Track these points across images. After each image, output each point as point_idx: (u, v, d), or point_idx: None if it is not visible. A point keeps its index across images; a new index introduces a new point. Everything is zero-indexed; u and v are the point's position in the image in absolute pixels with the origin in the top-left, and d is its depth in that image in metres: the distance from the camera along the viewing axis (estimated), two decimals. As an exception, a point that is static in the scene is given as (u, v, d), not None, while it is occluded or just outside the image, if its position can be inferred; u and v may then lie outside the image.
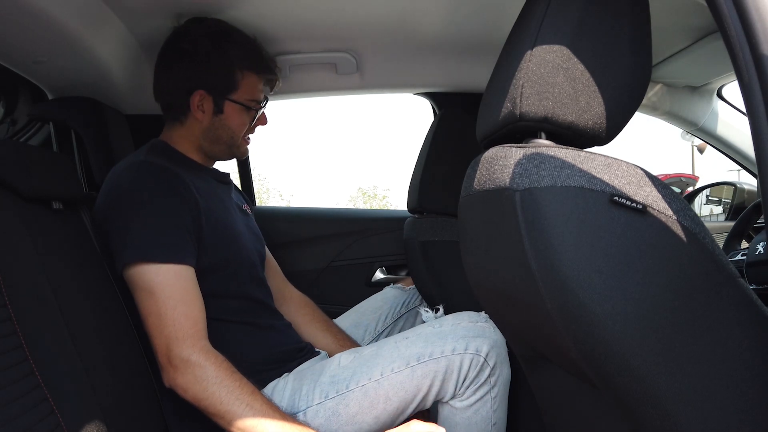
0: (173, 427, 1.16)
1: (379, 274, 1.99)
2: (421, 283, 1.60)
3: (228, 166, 1.87)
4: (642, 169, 0.66)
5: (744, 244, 1.58)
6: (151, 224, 1.11)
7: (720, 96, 1.73)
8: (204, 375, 1.04)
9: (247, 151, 1.41)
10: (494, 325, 1.15)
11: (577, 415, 0.91)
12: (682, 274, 0.63)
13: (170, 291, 1.08)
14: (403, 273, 2.00)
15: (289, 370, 1.24)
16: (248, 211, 1.48)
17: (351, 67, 1.69)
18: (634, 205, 0.63)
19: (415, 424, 1.03)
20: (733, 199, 2.82)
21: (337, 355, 1.22)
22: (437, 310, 1.35)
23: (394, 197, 13.11)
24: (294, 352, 1.30)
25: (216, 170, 1.41)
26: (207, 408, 1.05)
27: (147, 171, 1.17)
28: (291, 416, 1.08)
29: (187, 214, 1.15)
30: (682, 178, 8.13)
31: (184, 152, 1.31)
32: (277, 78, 1.40)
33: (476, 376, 1.12)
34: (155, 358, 1.09)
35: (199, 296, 1.12)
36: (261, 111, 1.37)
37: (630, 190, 0.64)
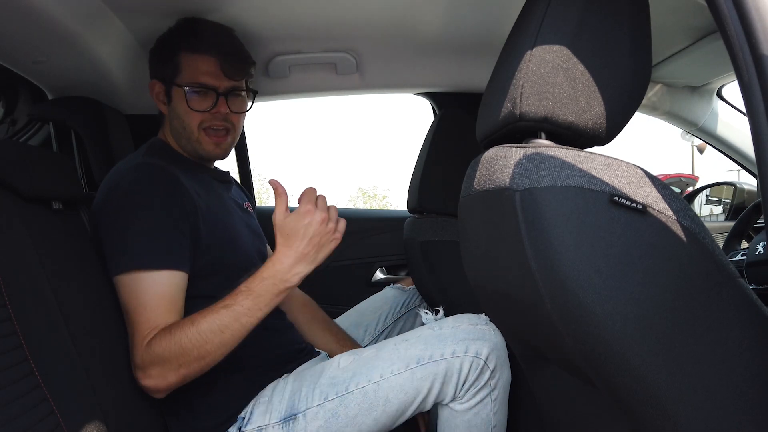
0: (173, 426, 1.16)
1: (379, 274, 1.99)
2: (421, 283, 1.60)
3: (228, 167, 1.87)
4: (642, 169, 0.66)
5: (744, 244, 1.58)
6: (145, 229, 1.10)
7: (720, 96, 1.73)
8: (161, 361, 1.02)
9: (212, 149, 1.28)
10: (494, 328, 1.15)
11: (577, 415, 0.91)
12: (682, 274, 0.63)
13: (144, 298, 1.06)
14: (403, 273, 2.00)
15: (289, 371, 1.24)
16: (250, 209, 1.47)
17: (351, 67, 1.69)
18: (634, 205, 0.63)
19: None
20: (733, 199, 2.82)
21: (336, 357, 1.22)
22: (437, 312, 1.35)
23: (394, 197, 13.11)
24: (294, 353, 1.30)
25: (215, 169, 1.40)
26: (192, 373, 1.04)
27: (144, 172, 1.16)
28: (227, 296, 1.06)
29: (183, 217, 1.14)
30: (682, 178, 8.12)
31: (177, 149, 1.31)
32: (225, 58, 1.25)
33: (476, 379, 1.11)
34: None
35: (173, 302, 1.08)
36: (211, 97, 1.24)
37: (630, 190, 0.64)
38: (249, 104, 1.35)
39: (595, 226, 0.63)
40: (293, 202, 1.13)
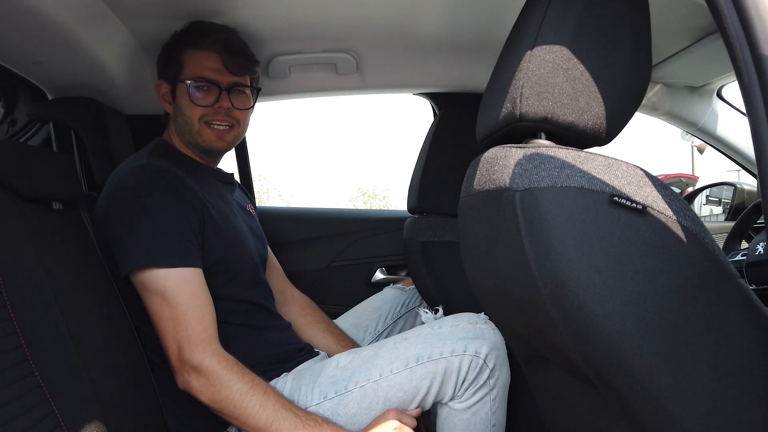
0: (173, 427, 1.16)
1: (379, 274, 1.99)
2: (420, 284, 1.60)
3: (228, 167, 1.87)
4: (642, 169, 0.66)
5: (744, 244, 1.58)
6: (157, 228, 1.11)
7: (720, 96, 1.73)
8: (216, 379, 1.06)
9: (213, 140, 1.28)
10: (494, 327, 1.15)
11: (576, 414, 0.91)
12: (681, 274, 0.63)
13: (182, 296, 1.09)
14: (403, 273, 2.00)
15: (288, 370, 1.24)
16: (252, 211, 1.48)
17: (351, 67, 1.68)
18: (634, 205, 0.63)
19: (393, 419, 1.06)
20: (733, 200, 2.82)
21: (336, 356, 1.22)
22: (437, 311, 1.35)
23: (394, 197, 13.11)
24: (293, 353, 1.30)
25: (219, 170, 1.41)
26: (222, 410, 1.06)
27: (149, 174, 1.17)
28: (305, 410, 1.09)
29: (191, 216, 1.15)
30: (682, 178, 8.12)
31: (181, 149, 1.32)
32: (227, 53, 1.27)
33: (475, 378, 1.11)
34: (168, 360, 1.10)
35: (209, 299, 1.12)
36: (213, 92, 1.27)
37: (630, 191, 0.64)
38: (252, 102, 1.36)
39: (595, 226, 0.63)
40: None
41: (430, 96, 1.98)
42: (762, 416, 0.64)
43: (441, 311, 1.35)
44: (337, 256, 1.97)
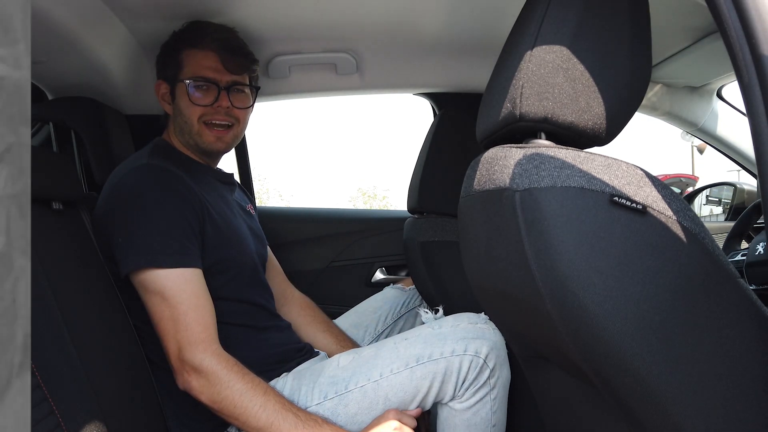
0: (173, 427, 1.16)
1: (379, 274, 1.99)
2: (420, 284, 1.60)
3: (228, 167, 1.87)
4: (642, 169, 0.66)
5: (744, 244, 1.58)
6: (157, 228, 1.11)
7: (720, 96, 1.73)
8: (216, 380, 1.06)
9: (212, 141, 1.28)
10: (494, 327, 1.15)
11: (576, 415, 0.91)
12: (682, 274, 0.63)
13: (182, 296, 1.09)
14: (403, 273, 2.00)
15: (288, 370, 1.24)
16: (252, 212, 1.48)
17: (351, 67, 1.69)
18: (634, 205, 0.63)
19: (393, 419, 1.06)
20: (733, 200, 2.82)
21: (336, 356, 1.22)
22: (437, 311, 1.35)
23: (394, 197, 13.12)
24: (293, 353, 1.30)
25: (219, 170, 1.41)
26: (221, 411, 1.06)
27: (149, 174, 1.17)
28: (305, 410, 1.09)
29: (191, 216, 1.15)
30: (682, 179, 8.13)
31: (181, 150, 1.32)
32: (226, 52, 1.27)
33: (476, 378, 1.11)
34: (168, 360, 1.10)
35: (209, 299, 1.12)
36: (213, 92, 1.27)
37: (630, 191, 0.64)
38: (251, 101, 1.36)
39: (595, 226, 0.63)
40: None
41: (430, 96, 1.98)
42: (763, 416, 0.64)
43: (441, 311, 1.35)
44: (337, 256, 1.97)
